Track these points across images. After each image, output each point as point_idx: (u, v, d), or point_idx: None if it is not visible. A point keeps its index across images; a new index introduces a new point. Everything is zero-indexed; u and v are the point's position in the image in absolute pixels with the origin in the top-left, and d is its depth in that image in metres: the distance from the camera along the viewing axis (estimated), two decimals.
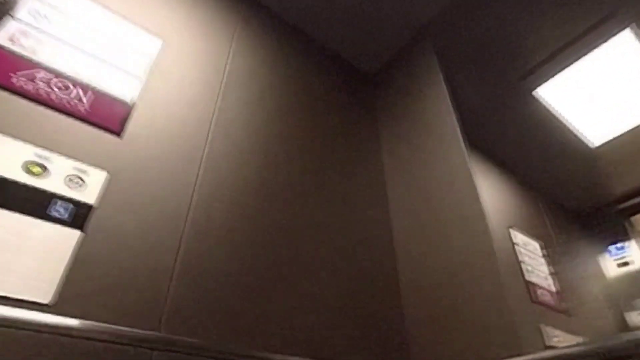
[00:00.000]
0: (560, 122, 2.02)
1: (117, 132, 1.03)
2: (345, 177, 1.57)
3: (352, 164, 1.64)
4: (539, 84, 1.99)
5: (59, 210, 0.86)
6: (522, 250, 1.66)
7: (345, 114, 1.81)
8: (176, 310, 0.92)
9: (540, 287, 1.57)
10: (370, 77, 2.18)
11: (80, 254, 0.85)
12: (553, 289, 1.63)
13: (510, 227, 1.70)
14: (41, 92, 0.95)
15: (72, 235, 0.86)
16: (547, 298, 1.56)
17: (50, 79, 0.98)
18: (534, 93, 1.99)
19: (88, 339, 0.79)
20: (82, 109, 0.99)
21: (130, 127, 1.07)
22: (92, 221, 0.90)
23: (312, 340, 1.10)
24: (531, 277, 1.57)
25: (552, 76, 1.99)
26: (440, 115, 1.57)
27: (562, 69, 1.96)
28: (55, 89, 0.97)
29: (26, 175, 0.86)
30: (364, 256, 1.40)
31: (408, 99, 1.82)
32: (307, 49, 1.90)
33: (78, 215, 0.88)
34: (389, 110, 1.94)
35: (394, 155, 1.77)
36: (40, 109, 0.94)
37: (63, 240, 0.84)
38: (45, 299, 0.77)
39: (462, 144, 1.44)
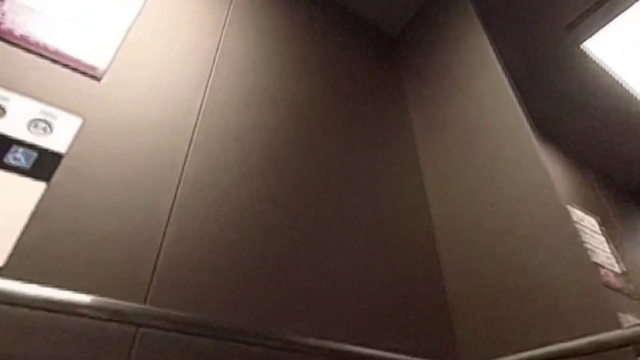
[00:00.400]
0: (615, 82, 1.78)
1: (96, 75, 0.88)
2: (368, 144, 1.37)
3: (375, 132, 1.44)
4: (588, 36, 1.75)
5: (19, 157, 0.71)
6: (583, 228, 1.46)
7: (365, 77, 1.61)
8: (167, 279, 0.75)
9: (605, 269, 1.36)
10: (392, 37, 1.97)
11: (43, 209, 0.69)
12: (619, 270, 1.41)
13: (567, 203, 1.48)
14: (3, 27, 0.81)
15: (35, 187, 0.70)
16: (615, 281, 1.34)
17: (16, 13, 0.84)
18: (582, 46, 1.75)
19: (51, 310, 0.62)
20: (52, 48, 0.85)
21: (113, 70, 0.92)
22: (61, 172, 0.74)
23: (326, 321, 0.90)
24: (595, 258, 1.36)
25: (602, 26, 1.74)
26: (484, 70, 1.35)
27: (614, 16, 1.72)
28: (21, 24, 0.83)
29: None
30: (394, 230, 1.19)
31: (441, 57, 1.60)
32: (319, 4, 1.72)
33: (42, 164, 0.72)
34: (417, 71, 1.73)
35: (427, 122, 1.55)
36: (1, 44, 0.80)
37: (22, 192, 0.68)
38: None
39: (515, 101, 1.22)
